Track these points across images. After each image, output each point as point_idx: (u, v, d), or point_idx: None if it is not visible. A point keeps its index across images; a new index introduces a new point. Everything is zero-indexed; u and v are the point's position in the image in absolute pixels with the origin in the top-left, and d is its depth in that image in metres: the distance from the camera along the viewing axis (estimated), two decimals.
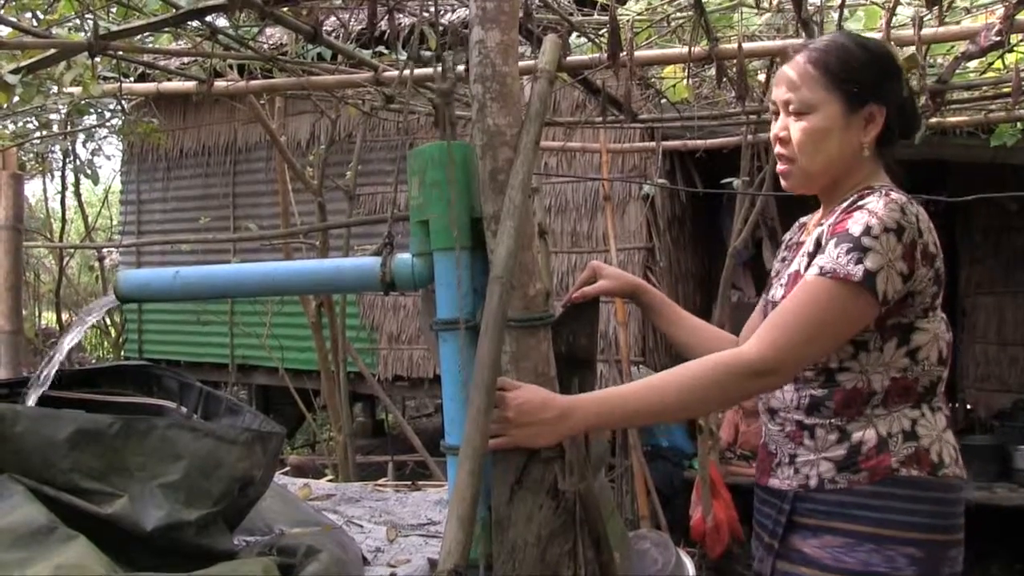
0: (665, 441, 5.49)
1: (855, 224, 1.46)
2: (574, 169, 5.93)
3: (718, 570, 4.76)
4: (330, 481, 2.66)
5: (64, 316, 8.86)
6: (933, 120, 3.72)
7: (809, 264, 1.51)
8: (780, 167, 1.64)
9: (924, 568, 1.49)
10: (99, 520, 1.41)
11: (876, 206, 1.46)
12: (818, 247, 1.52)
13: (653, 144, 4.78)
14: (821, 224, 1.59)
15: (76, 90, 3.13)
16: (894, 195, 1.50)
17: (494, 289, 1.14)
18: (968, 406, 6.04)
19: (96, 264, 9.19)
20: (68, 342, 1.82)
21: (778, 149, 1.63)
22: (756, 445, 5.76)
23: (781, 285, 1.64)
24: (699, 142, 4.45)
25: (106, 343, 9.53)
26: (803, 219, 1.82)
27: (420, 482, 2.53)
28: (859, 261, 1.42)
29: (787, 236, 1.85)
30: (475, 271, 1.40)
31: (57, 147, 6.92)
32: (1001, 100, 3.46)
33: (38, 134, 4.77)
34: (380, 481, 2.63)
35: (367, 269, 1.52)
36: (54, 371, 1.72)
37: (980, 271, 6.43)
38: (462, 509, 0.97)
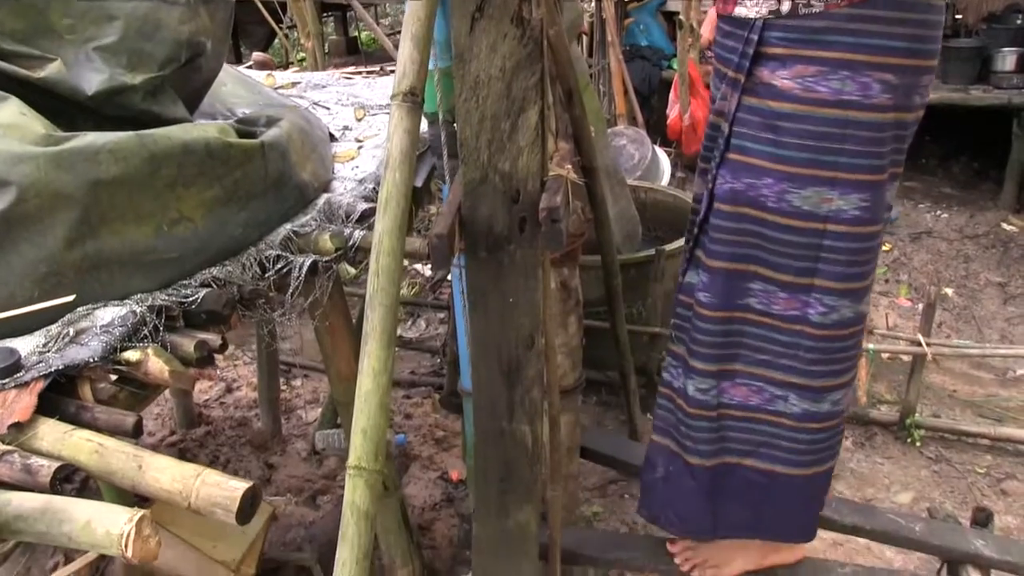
0: (644, 40, 5.29)
1: None
2: None
3: (692, 168, 4.84)
4: (296, 72, 2.54)
5: None
6: None
7: None
8: None
9: (897, 95, 1.42)
10: (33, 86, 1.32)
11: None
12: None
13: None
14: None
15: None
16: None
17: None
18: (956, 15, 5.73)
19: None
20: None
21: None
22: None
23: None
24: None
25: None
26: None
27: (387, 66, 2.41)
28: None
29: None
30: None
31: None
32: None
33: None
34: (347, 69, 2.51)
35: None
36: None
37: None
38: (416, 28, 0.86)
